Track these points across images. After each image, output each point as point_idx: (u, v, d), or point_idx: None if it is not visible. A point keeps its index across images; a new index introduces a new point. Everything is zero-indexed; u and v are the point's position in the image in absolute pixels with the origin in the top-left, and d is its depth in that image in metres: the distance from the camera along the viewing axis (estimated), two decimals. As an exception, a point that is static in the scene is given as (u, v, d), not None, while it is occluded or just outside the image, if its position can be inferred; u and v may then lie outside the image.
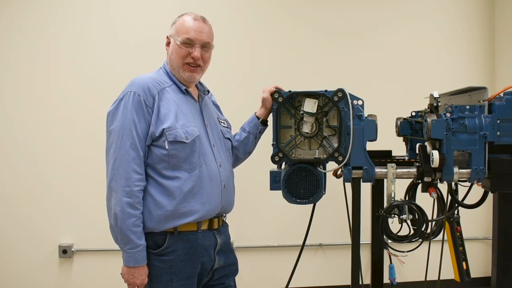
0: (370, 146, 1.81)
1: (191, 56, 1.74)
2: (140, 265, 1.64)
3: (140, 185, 1.64)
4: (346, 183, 1.89)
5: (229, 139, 1.92)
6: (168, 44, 1.80)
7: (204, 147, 1.74)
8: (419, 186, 1.91)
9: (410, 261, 2.06)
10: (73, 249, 3.21)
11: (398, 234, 1.85)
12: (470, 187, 1.91)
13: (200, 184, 1.70)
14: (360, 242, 1.84)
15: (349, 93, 1.77)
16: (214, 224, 1.78)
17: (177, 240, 1.69)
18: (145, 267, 1.66)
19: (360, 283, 1.88)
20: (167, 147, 1.65)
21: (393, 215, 1.80)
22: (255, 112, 1.98)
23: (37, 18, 3.17)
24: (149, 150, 1.68)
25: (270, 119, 1.88)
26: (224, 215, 1.86)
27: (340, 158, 1.78)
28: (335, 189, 2.08)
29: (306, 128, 1.79)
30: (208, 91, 1.94)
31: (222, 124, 1.93)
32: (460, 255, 1.94)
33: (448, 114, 1.74)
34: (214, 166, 1.75)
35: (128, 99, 1.66)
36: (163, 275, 1.68)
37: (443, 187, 1.86)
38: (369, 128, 1.77)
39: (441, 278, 2.02)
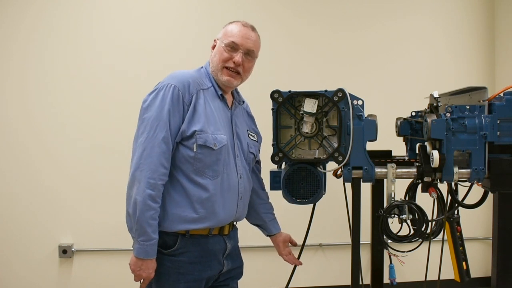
0: (370, 146, 1.81)
1: (232, 61, 1.73)
2: (149, 258, 1.64)
3: (164, 180, 1.63)
4: (346, 183, 1.89)
5: (253, 153, 1.88)
6: (213, 47, 1.79)
7: (229, 156, 1.72)
8: (419, 186, 1.91)
9: (410, 261, 2.06)
10: (73, 249, 3.21)
11: (398, 234, 1.85)
12: (470, 187, 1.91)
13: (218, 193, 1.68)
14: (360, 242, 1.84)
15: (349, 93, 1.77)
16: (225, 229, 1.78)
17: (188, 242, 1.68)
18: (154, 261, 1.66)
19: (360, 283, 1.88)
20: (195, 150, 1.64)
21: (393, 215, 1.80)
22: (275, 234, 2.04)
23: (34, 17, 3.17)
24: (176, 148, 1.67)
25: (270, 120, 1.87)
26: (236, 221, 1.86)
27: (340, 158, 1.78)
28: (335, 189, 2.08)
29: (306, 128, 1.79)
30: (244, 101, 1.92)
31: (251, 137, 1.89)
32: (460, 255, 1.94)
33: (448, 114, 1.74)
34: (234, 177, 1.74)
35: (168, 91, 1.63)
36: (171, 275, 1.68)
37: (443, 187, 1.86)
38: (369, 128, 1.77)
39: (441, 278, 2.02)
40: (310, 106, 1.76)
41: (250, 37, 1.76)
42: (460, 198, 1.95)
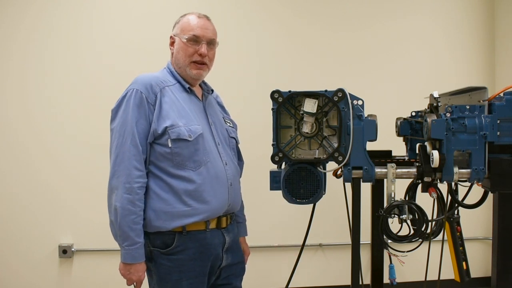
0: (370, 146, 1.81)
1: (198, 54, 1.76)
2: (138, 262, 1.65)
3: (140, 182, 1.64)
4: (346, 183, 1.89)
5: (234, 138, 1.92)
6: (172, 44, 1.82)
7: (209, 145, 1.74)
8: (419, 186, 1.91)
9: (410, 261, 2.06)
10: (73, 249, 3.21)
11: (398, 234, 1.85)
12: (470, 187, 1.91)
13: (206, 183, 1.69)
14: (360, 242, 1.84)
15: (349, 93, 1.77)
16: (222, 222, 1.78)
17: (186, 239, 1.68)
18: (143, 264, 1.67)
19: (360, 283, 1.87)
20: (170, 145, 1.65)
21: (393, 215, 1.80)
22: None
23: (34, 17, 3.17)
24: (151, 148, 1.68)
25: (270, 120, 1.88)
26: (233, 213, 1.86)
27: (340, 158, 1.77)
28: (335, 189, 2.08)
29: (306, 128, 1.79)
30: (212, 91, 1.94)
31: (228, 123, 1.93)
32: (460, 255, 1.94)
33: (448, 114, 1.74)
34: (220, 164, 1.75)
35: (130, 96, 1.67)
36: (172, 274, 1.68)
37: (443, 187, 1.86)
38: (369, 128, 1.77)
39: (441, 278, 2.02)
40: (310, 106, 1.76)
41: (208, 26, 1.80)
42: (460, 198, 1.95)
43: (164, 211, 1.66)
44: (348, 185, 1.89)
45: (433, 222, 1.94)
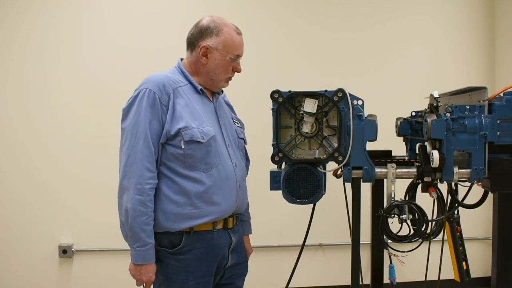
0: (370, 146, 1.81)
1: (236, 70, 1.80)
2: (148, 263, 1.64)
3: (152, 183, 1.63)
4: (346, 183, 1.89)
5: (243, 139, 1.92)
6: (205, 54, 1.76)
7: (220, 147, 1.74)
8: (419, 186, 1.91)
9: (410, 261, 2.06)
10: (73, 249, 3.21)
11: (398, 234, 1.85)
12: (470, 187, 1.91)
13: (216, 185, 1.69)
14: (360, 242, 1.84)
15: (349, 93, 1.77)
16: (229, 223, 1.78)
17: (193, 239, 1.68)
18: (153, 265, 1.67)
19: (360, 283, 1.87)
20: (183, 147, 1.65)
21: (393, 215, 1.80)
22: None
23: (34, 17, 3.17)
24: (163, 148, 1.67)
25: (270, 120, 1.88)
26: (238, 213, 1.86)
27: (340, 158, 1.77)
28: (335, 189, 2.08)
29: (306, 128, 1.79)
30: (222, 91, 1.94)
31: (237, 124, 1.93)
32: (460, 255, 1.94)
33: (448, 114, 1.74)
34: (230, 166, 1.75)
35: (143, 96, 1.65)
36: (179, 274, 1.68)
37: (443, 187, 1.86)
38: (369, 128, 1.77)
39: (441, 278, 2.02)
40: (310, 106, 1.76)
41: (243, 43, 1.81)
42: (460, 198, 1.95)
43: (173, 213, 1.66)
44: (348, 185, 1.89)
45: (433, 222, 1.94)
